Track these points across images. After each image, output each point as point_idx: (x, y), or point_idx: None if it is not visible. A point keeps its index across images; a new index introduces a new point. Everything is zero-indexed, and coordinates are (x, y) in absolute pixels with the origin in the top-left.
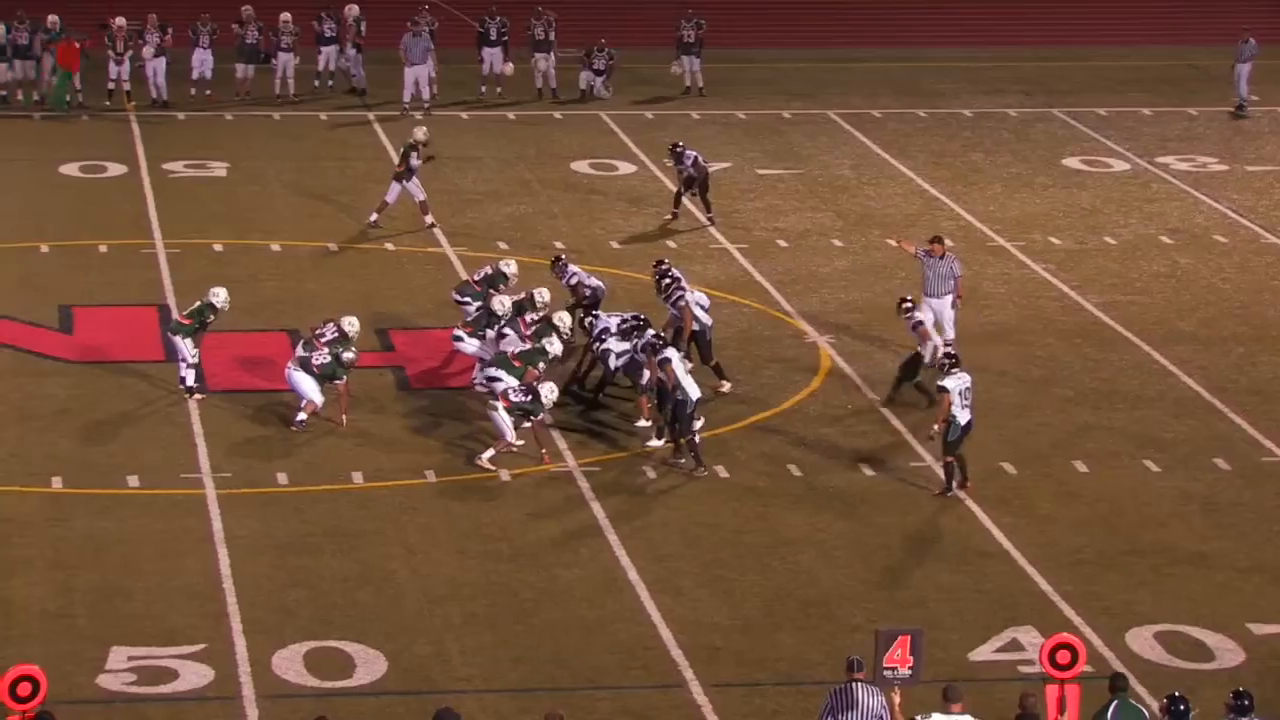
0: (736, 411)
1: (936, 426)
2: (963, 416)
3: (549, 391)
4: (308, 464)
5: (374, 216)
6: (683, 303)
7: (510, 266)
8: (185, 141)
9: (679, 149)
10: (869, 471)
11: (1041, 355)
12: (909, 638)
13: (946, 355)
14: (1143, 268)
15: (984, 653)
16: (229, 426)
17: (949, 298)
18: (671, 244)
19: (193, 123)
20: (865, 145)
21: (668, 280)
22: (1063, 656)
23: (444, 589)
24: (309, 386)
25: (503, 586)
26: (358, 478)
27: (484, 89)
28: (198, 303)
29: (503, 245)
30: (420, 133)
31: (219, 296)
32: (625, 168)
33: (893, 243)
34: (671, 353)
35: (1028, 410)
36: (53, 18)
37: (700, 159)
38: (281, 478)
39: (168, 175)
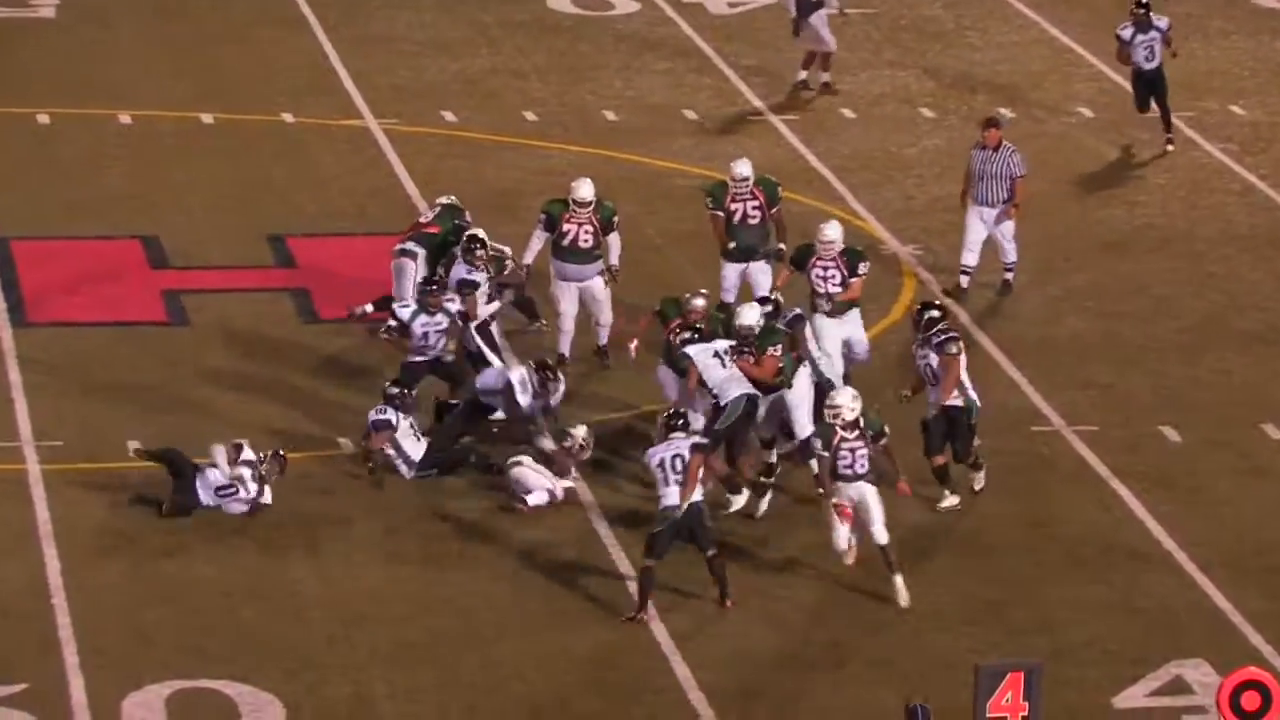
0: None
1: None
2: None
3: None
4: (171, 429)
5: (826, 76)
6: (953, 352)
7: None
8: None
9: (1144, 8)
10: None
11: (1218, 273)
12: (1022, 675)
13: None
14: None
15: (1135, 696)
16: (61, 375)
17: (1003, 208)
18: (691, 114)
19: None
20: None
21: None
22: (1250, 700)
23: (366, 606)
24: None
25: (451, 604)
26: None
27: None
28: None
29: (449, 116)
30: None
31: None
32: (625, 4)
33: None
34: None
35: (1199, 352)
36: None
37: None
38: (135, 447)
39: None
